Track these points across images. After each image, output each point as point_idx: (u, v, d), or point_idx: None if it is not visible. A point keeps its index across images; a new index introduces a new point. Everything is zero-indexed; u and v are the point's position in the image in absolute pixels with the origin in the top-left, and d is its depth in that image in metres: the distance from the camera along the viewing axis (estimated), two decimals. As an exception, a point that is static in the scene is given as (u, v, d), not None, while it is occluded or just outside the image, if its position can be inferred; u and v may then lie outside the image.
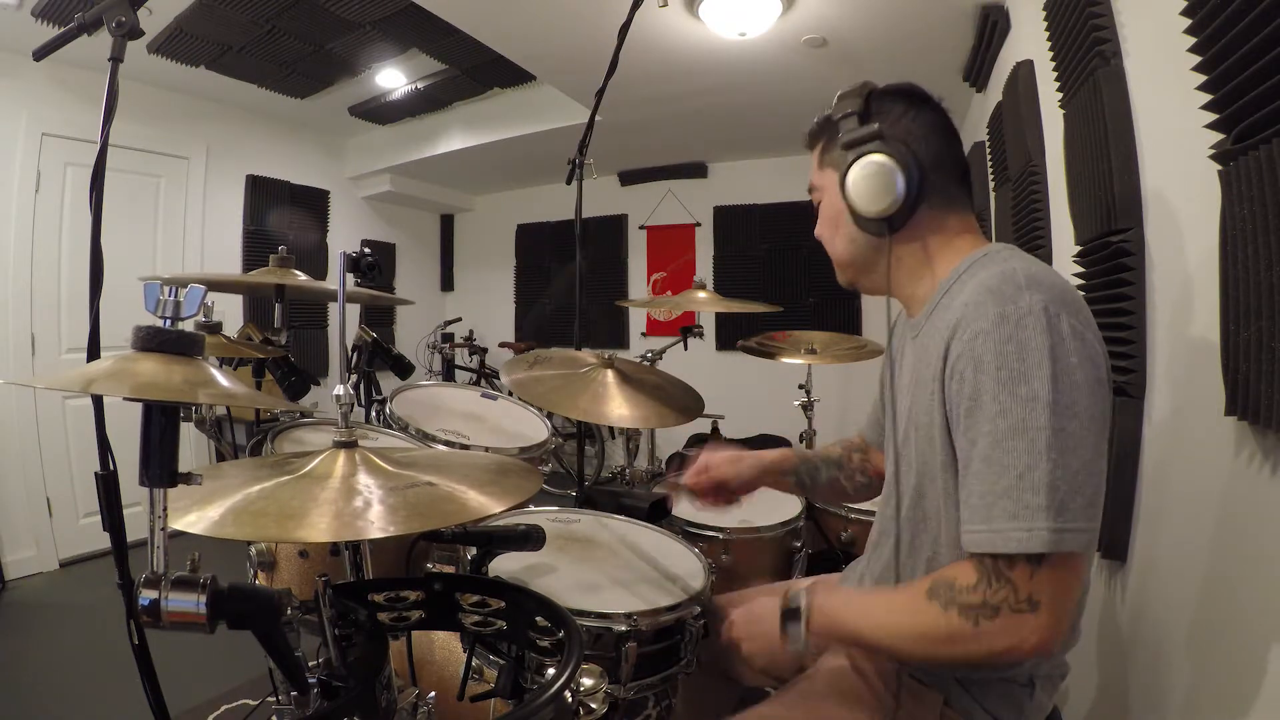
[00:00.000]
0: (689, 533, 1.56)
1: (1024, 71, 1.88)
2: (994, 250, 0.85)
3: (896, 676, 0.89)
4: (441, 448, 1.51)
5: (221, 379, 0.66)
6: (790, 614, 0.85)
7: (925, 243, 0.90)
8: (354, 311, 3.98)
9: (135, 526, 0.73)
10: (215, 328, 1.70)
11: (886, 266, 0.90)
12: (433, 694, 0.86)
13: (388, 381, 1.90)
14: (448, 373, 5.29)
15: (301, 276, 1.65)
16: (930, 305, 0.89)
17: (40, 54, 0.99)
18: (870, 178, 0.85)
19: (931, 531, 0.86)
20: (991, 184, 2.54)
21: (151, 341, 0.63)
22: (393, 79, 3.88)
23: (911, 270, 0.92)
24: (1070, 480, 0.68)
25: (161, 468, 0.61)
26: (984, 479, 0.71)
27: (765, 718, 0.96)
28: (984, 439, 0.71)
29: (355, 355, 1.91)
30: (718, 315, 4.63)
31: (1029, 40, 1.91)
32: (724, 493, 1.22)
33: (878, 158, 0.85)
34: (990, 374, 0.71)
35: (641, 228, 5.18)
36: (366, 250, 1.17)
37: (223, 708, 2.02)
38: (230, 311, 3.52)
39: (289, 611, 0.68)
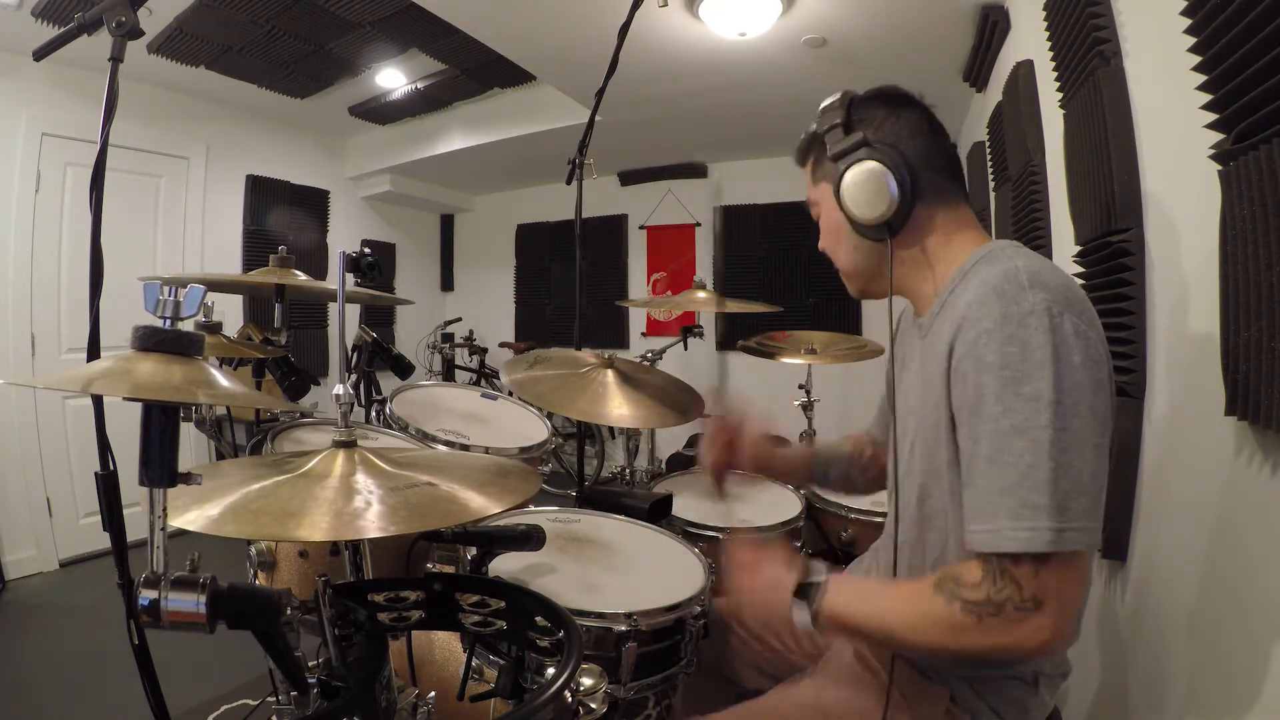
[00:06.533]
0: (689, 533, 1.56)
1: (1024, 71, 1.88)
2: (998, 248, 0.85)
3: (893, 665, 0.89)
4: (441, 448, 1.51)
5: (221, 379, 0.66)
6: (804, 589, 0.84)
7: (924, 242, 0.90)
8: (354, 311, 3.99)
9: (135, 526, 0.73)
10: (215, 328, 1.70)
11: (890, 271, 0.90)
12: (433, 694, 0.86)
13: (388, 381, 1.90)
14: (448, 373, 5.29)
15: (301, 276, 1.65)
16: (937, 304, 0.88)
17: (40, 54, 0.99)
18: (863, 185, 0.86)
19: (938, 531, 0.86)
20: (991, 184, 2.54)
21: (151, 341, 0.63)
22: (393, 79, 3.88)
23: (915, 270, 0.92)
24: (1073, 480, 0.68)
25: (161, 467, 0.61)
26: (986, 478, 0.71)
27: (770, 706, 0.97)
28: (986, 438, 0.72)
29: (355, 355, 1.91)
30: (718, 315, 4.63)
31: (1029, 40, 1.91)
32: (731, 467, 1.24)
33: (868, 164, 0.85)
34: (993, 374, 0.71)
35: (641, 228, 5.17)
36: (366, 250, 1.18)
37: (223, 708, 2.02)
38: (230, 311, 3.51)
39: (289, 611, 0.68)
